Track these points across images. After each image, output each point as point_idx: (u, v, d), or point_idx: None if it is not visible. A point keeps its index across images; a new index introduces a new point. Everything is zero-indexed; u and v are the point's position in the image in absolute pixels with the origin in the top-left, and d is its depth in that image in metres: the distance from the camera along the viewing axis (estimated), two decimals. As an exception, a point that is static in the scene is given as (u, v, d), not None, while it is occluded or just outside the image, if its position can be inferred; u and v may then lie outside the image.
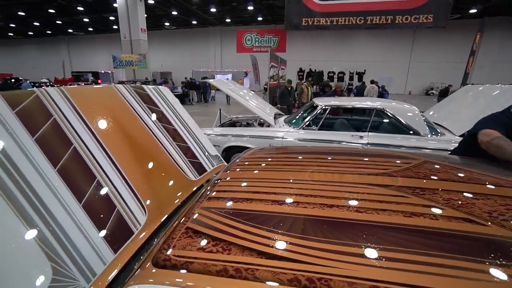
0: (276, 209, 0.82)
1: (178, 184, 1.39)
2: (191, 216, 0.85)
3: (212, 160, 1.77)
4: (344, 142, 3.15)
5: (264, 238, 0.68)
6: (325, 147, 1.62)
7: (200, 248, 0.68)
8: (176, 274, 0.62)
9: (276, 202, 0.85)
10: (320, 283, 0.54)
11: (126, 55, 14.40)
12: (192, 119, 1.89)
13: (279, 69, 9.88)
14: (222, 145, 3.49)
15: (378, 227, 0.71)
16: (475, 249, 0.62)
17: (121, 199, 1.04)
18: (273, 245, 0.65)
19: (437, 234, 0.68)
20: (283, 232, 0.69)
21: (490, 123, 1.54)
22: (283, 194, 0.93)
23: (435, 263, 0.58)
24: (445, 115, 3.80)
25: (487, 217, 0.74)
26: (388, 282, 0.53)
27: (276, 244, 0.65)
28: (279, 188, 0.99)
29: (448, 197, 0.86)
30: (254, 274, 0.58)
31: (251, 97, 4.22)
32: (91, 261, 0.82)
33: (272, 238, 0.67)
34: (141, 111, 1.46)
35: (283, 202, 0.85)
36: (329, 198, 0.86)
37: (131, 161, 1.22)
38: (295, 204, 0.83)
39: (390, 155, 1.37)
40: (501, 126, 1.48)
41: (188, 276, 0.61)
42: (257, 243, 0.66)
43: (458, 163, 1.25)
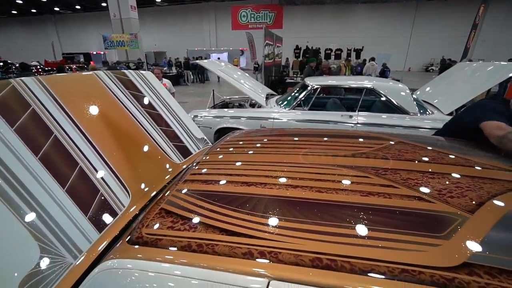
0: (242, 190, 0.88)
1: (162, 167, 1.45)
2: (166, 198, 0.92)
3: (198, 143, 1.81)
4: (334, 122, 3.19)
5: (228, 217, 0.74)
6: (303, 129, 1.66)
7: (169, 226, 0.75)
8: (147, 249, 0.69)
9: (244, 184, 0.92)
10: (270, 255, 0.61)
11: (117, 35, 13.90)
12: (177, 103, 1.91)
13: (275, 47, 9.63)
14: (213, 127, 3.52)
15: (333, 206, 0.77)
16: (419, 224, 0.69)
17: (104, 183, 1.10)
18: (234, 223, 0.72)
19: (388, 211, 0.74)
20: (245, 211, 0.76)
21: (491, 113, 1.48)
22: (251, 176, 0.99)
23: (378, 237, 0.65)
24: (437, 93, 3.81)
25: (435, 195, 0.80)
26: (329, 254, 0.60)
27: (237, 222, 0.72)
28: (248, 170, 1.05)
29: (407, 177, 0.92)
30: (213, 248, 0.65)
31: (242, 77, 4.18)
32: (77, 240, 0.90)
33: (235, 217, 0.74)
34: (123, 97, 1.48)
35: (250, 184, 0.91)
36: (295, 179, 0.92)
37: (114, 147, 1.27)
38: (261, 185, 0.89)
39: (366, 136, 1.42)
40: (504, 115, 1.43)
41: (156, 251, 0.68)
42: (221, 222, 0.73)
43: (429, 144, 1.30)
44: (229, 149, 1.35)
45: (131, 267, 0.67)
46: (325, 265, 0.58)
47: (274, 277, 0.57)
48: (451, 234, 0.64)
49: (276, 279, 0.57)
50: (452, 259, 0.57)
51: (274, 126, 3.29)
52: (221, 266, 0.61)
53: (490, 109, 1.50)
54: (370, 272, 0.56)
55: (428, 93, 3.95)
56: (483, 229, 0.65)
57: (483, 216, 0.70)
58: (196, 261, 0.63)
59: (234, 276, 0.59)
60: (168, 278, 0.63)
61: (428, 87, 4.20)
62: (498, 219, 0.68)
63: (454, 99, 3.19)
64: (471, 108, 1.59)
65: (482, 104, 1.58)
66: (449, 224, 0.68)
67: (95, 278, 0.70)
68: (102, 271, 0.70)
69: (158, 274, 0.64)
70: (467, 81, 3.48)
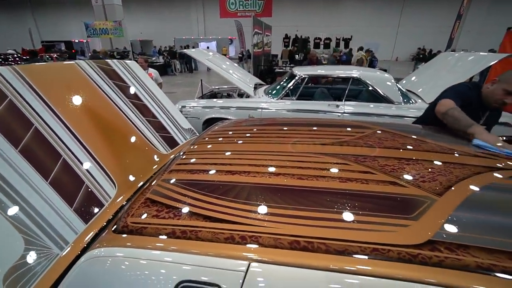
0: (226, 178, 0.90)
1: (148, 158, 1.45)
2: (151, 187, 0.93)
3: (185, 134, 1.82)
4: (321, 111, 3.24)
5: (211, 205, 0.77)
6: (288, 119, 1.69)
7: (154, 215, 0.77)
8: (132, 238, 0.71)
9: (228, 173, 0.94)
10: (251, 239, 0.64)
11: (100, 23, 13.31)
12: (163, 93, 1.89)
13: (264, 36, 9.51)
14: (202, 117, 3.51)
15: (313, 192, 0.81)
16: (392, 207, 0.74)
17: (89, 175, 1.10)
18: (218, 210, 0.75)
19: (364, 196, 0.79)
20: (228, 199, 0.79)
21: (450, 93, 1.57)
22: (235, 164, 1.01)
23: (353, 220, 0.69)
24: (421, 83, 3.90)
25: (409, 180, 0.85)
26: (307, 237, 0.64)
27: (220, 209, 0.75)
28: (232, 159, 1.07)
29: (384, 163, 0.97)
30: (197, 235, 0.67)
31: (231, 67, 4.14)
32: (63, 232, 0.90)
33: (218, 204, 0.77)
34: (106, 87, 1.46)
35: (234, 172, 0.94)
36: (277, 168, 0.95)
37: (98, 138, 1.26)
38: (244, 174, 0.92)
39: (348, 125, 1.46)
40: (459, 96, 1.52)
41: (142, 239, 0.70)
42: (204, 209, 0.76)
43: (408, 131, 1.35)
44: (215, 139, 1.37)
45: (117, 255, 0.69)
46: (302, 247, 0.62)
47: (254, 259, 0.61)
48: (420, 216, 0.69)
49: (256, 261, 0.60)
50: (418, 238, 0.62)
51: (263, 116, 3.31)
52: (204, 251, 0.64)
53: (453, 91, 1.59)
54: (344, 252, 0.60)
55: (413, 82, 4.05)
56: (447, 210, 0.70)
57: (449, 198, 0.75)
58: (180, 247, 0.66)
59: (216, 260, 0.62)
60: (153, 264, 0.65)
61: (413, 76, 4.30)
62: (462, 200, 0.74)
63: (437, 88, 3.27)
64: (442, 92, 1.66)
65: (450, 88, 1.65)
66: (419, 206, 0.73)
67: (81, 266, 0.72)
68: (89, 260, 0.71)
69: (142, 260, 0.66)
70: (450, 70, 3.58)
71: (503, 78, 1.44)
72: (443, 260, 0.56)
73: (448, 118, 1.41)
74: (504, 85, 1.41)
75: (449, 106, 1.44)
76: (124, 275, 0.66)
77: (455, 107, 1.43)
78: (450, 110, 1.42)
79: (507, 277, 0.53)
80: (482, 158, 1.03)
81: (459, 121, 1.35)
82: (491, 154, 1.06)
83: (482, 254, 0.57)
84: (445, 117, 1.44)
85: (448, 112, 1.42)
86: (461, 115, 1.37)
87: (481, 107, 1.56)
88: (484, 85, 1.57)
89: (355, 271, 0.57)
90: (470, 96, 1.54)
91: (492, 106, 1.52)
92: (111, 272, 0.67)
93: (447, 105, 1.46)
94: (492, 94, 1.48)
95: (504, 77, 1.44)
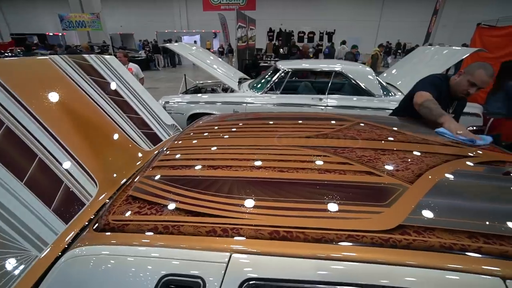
0: (207, 173, 0.91)
1: (130, 155, 1.42)
2: (133, 184, 0.92)
3: (168, 130, 1.79)
4: (305, 105, 3.28)
5: (193, 199, 0.78)
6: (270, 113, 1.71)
7: (136, 212, 0.77)
8: (114, 235, 0.71)
9: (210, 167, 0.95)
10: (232, 232, 0.66)
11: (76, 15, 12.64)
12: (144, 89, 1.85)
13: (248, 29, 9.43)
14: (186, 113, 3.46)
15: (293, 184, 0.84)
16: (367, 196, 0.78)
17: (68, 174, 1.07)
18: (199, 204, 0.76)
19: (341, 186, 0.82)
20: (210, 193, 0.80)
21: (426, 85, 1.66)
22: (217, 159, 1.02)
23: (331, 209, 0.72)
24: (400, 76, 4.03)
25: (384, 169, 0.90)
26: (286, 227, 0.66)
27: (202, 203, 0.76)
28: (214, 154, 1.09)
29: (362, 154, 1.01)
30: (179, 229, 0.68)
31: (215, 62, 4.09)
32: (42, 233, 0.88)
33: (200, 199, 0.78)
34: (84, 84, 1.41)
35: (215, 167, 0.95)
36: (258, 161, 0.97)
37: (77, 136, 1.22)
38: (226, 168, 0.93)
39: (328, 118, 1.50)
40: (435, 88, 1.61)
41: (123, 236, 0.70)
42: (186, 204, 0.76)
43: (384, 123, 1.41)
44: (197, 134, 1.37)
45: (98, 253, 0.68)
46: (282, 237, 0.64)
47: (235, 250, 0.63)
48: (392, 202, 0.73)
49: (237, 252, 0.62)
50: (389, 223, 0.66)
51: (247, 111, 3.31)
52: (186, 245, 0.65)
53: (426, 82, 1.69)
54: (321, 239, 0.63)
55: (393, 75, 4.18)
56: (418, 196, 0.75)
57: (420, 185, 0.80)
58: (162, 242, 0.67)
59: (197, 253, 0.63)
60: (135, 260, 0.66)
61: (393, 69, 4.43)
62: (431, 187, 0.79)
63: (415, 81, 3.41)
64: (415, 84, 1.75)
65: (424, 78, 1.75)
66: (392, 194, 0.77)
67: (61, 267, 0.71)
68: (69, 259, 0.71)
69: (125, 257, 0.66)
70: (427, 63, 3.72)
71: (468, 70, 1.55)
72: (411, 243, 0.61)
73: (423, 109, 1.51)
74: (469, 77, 1.53)
75: (426, 97, 1.53)
76: (105, 273, 0.66)
77: (431, 98, 1.52)
78: (426, 102, 1.51)
79: (466, 254, 0.58)
80: (451, 147, 1.10)
81: (432, 111, 1.44)
82: (458, 143, 1.14)
83: (445, 234, 0.62)
84: (421, 108, 1.53)
85: (424, 103, 1.51)
86: (435, 106, 1.47)
87: (450, 97, 1.68)
88: (452, 77, 1.67)
89: (332, 257, 0.60)
90: (440, 86, 1.66)
91: (459, 96, 1.64)
92: (93, 271, 0.67)
93: (424, 97, 1.54)
94: (458, 85, 1.60)
95: (468, 69, 1.55)
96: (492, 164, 0.96)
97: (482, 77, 1.48)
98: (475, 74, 1.50)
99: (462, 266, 0.56)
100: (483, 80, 1.49)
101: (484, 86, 1.54)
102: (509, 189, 0.83)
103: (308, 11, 21.64)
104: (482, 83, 1.50)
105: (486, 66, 1.50)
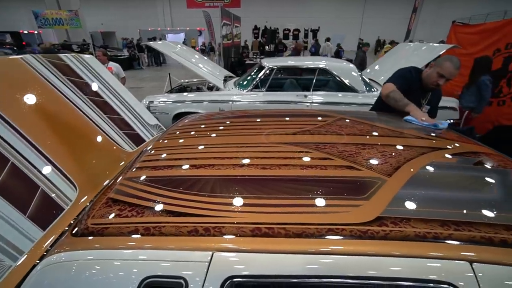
0: (189, 173, 0.91)
1: (112, 157, 1.39)
2: (114, 186, 0.90)
3: (152, 130, 1.76)
4: (290, 102, 3.31)
5: (174, 199, 0.77)
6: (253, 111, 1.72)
7: (117, 214, 0.75)
8: (93, 239, 0.69)
9: (192, 166, 0.94)
10: (214, 230, 0.66)
11: (52, 12, 12.03)
12: (126, 89, 1.81)
13: (233, 27, 9.36)
14: (171, 113, 3.41)
15: (275, 180, 0.84)
16: (347, 190, 0.79)
17: (45, 179, 1.03)
18: (181, 204, 0.75)
19: (322, 181, 0.83)
20: (192, 193, 0.79)
21: (392, 77, 1.78)
22: (199, 158, 1.02)
23: (312, 204, 0.73)
24: (382, 71, 4.14)
25: (364, 163, 0.92)
26: (268, 223, 0.67)
27: (183, 203, 0.75)
28: (196, 153, 1.08)
29: (343, 149, 1.03)
30: (160, 230, 0.67)
31: (199, 60, 4.04)
32: (16, 241, 0.85)
33: (181, 199, 0.77)
34: (60, 84, 1.36)
35: (197, 166, 0.94)
36: (241, 159, 0.97)
37: (54, 139, 1.18)
38: (208, 167, 0.93)
39: (312, 114, 1.52)
40: (403, 80, 1.72)
41: (103, 239, 0.68)
42: (168, 204, 0.76)
43: (365, 118, 1.44)
44: (179, 134, 1.35)
45: (75, 258, 0.66)
46: (263, 233, 0.65)
47: (217, 249, 0.63)
48: (371, 195, 0.75)
49: (219, 251, 0.62)
50: (368, 216, 0.68)
51: (233, 109, 3.30)
52: (168, 246, 0.64)
53: (395, 75, 1.82)
54: (302, 234, 0.64)
55: (376, 71, 4.28)
56: (395, 188, 0.78)
57: (398, 178, 0.83)
58: (144, 243, 0.65)
59: (180, 253, 0.63)
60: (115, 264, 0.64)
61: (376, 65, 4.54)
62: (407, 179, 0.82)
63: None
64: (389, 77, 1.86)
65: (395, 72, 1.85)
66: (371, 187, 0.79)
67: (38, 274, 0.69)
68: (46, 267, 0.68)
69: (104, 261, 0.65)
70: (408, 59, 3.84)
71: (437, 63, 1.66)
72: (388, 233, 0.63)
73: (390, 100, 1.65)
74: (438, 69, 1.64)
75: (390, 89, 1.66)
76: (83, 279, 0.64)
77: (395, 89, 1.65)
78: (391, 93, 1.64)
79: (438, 241, 0.61)
80: (426, 140, 1.14)
81: (398, 101, 1.59)
82: (433, 136, 1.18)
83: (420, 224, 0.64)
84: (387, 99, 1.66)
85: (390, 95, 1.64)
86: (399, 96, 1.61)
87: (422, 88, 1.78)
88: (424, 70, 1.77)
89: (312, 251, 0.61)
90: (410, 78, 1.76)
91: (430, 87, 1.75)
92: (71, 277, 0.65)
93: (389, 88, 1.67)
94: (429, 77, 1.71)
95: (438, 62, 1.66)
96: (464, 155, 1.01)
97: (450, 69, 1.59)
98: (443, 66, 1.60)
99: (434, 253, 0.59)
100: (451, 72, 1.60)
101: (451, 77, 1.64)
102: (479, 178, 0.88)
103: (293, 8, 21.75)
104: (449, 75, 1.61)
105: (453, 59, 1.61)
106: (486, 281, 0.55)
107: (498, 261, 0.57)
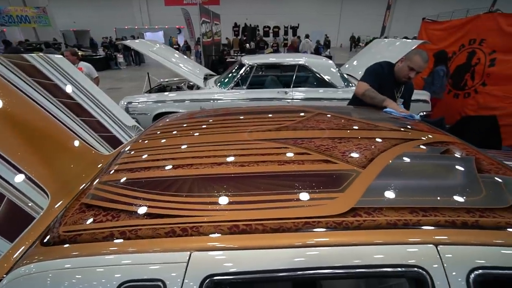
0: (166, 173, 0.89)
1: (87, 161, 1.33)
2: (87, 192, 0.87)
3: (129, 131, 1.71)
4: (271, 98, 3.33)
5: (150, 201, 0.76)
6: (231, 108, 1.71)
7: (90, 220, 0.72)
8: (65, 248, 0.66)
9: (171, 167, 0.93)
10: (191, 230, 0.65)
11: (16, 8, 11.23)
12: (100, 89, 1.74)
13: (212, 25, 9.24)
14: (151, 113, 3.32)
15: (252, 177, 0.85)
16: (323, 183, 0.81)
17: (11, 187, 0.97)
18: (158, 205, 0.74)
19: (299, 175, 0.85)
20: (169, 193, 0.78)
21: (366, 75, 1.86)
22: (175, 158, 1.00)
23: (289, 199, 0.74)
24: (360, 66, 4.26)
25: (340, 157, 0.94)
26: (245, 220, 0.67)
27: (160, 204, 0.74)
28: (173, 153, 1.06)
29: (320, 143, 1.05)
30: (136, 233, 0.66)
31: (179, 59, 3.96)
32: None
33: (158, 200, 0.76)
34: (26, 86, 1.28)
35: (175, 166, 0.93)
36: (218, 157, 0.97)
37: (20, 145, 1.11)
38: (185, 167, 0.91)
39: (290, 110, 1.54)
40: (375, 76, 1.80)
41: (76, 247, 0.66)
42: (144, 206, 0.74)
43: (341, 112, 1.48)
44: (156, 135, 1.33)
45: (46, 269, 0.63)
46: (241, 230, 0.65)
47: (195, 248, 0.62)
48: (346, 187, 0.78)
49: (197, 250, 0.62)
50: (343, 207, 0.70)
51: (215, 107, 3.27)
52: (144, 248, 0.63)
53: (367, 72, 1.91)
54: (279, 229, 0.65)
55: (354, 66, 4.40)
56: (369, 179, 0.81)
57: (371, 169, 0.86)
58: (119, 248, 0.64)
59: (157, 255, 0.62)
60: (90, 271, 0.62)
61: (354, 60, 4.66)
62: (380, 170, 0.85)
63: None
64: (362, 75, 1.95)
65: (367, 68, 1.94)
66: (346, 179, 0.81)
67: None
68: (12, 280, 0.65)
69: (78, 269, 0.62)
70: (383, 55, 3.97)
71: (408, 57, 1.76)
72: (362, 223, 0.65)
73: (365, 98, 1.74)
74: (408, 63, 1.73)
75: (364, 88, 1.75)
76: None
77: (369, 88, 1.75)
78: (366, 91, 1.74)
79: (407, 227, 0.64)
80: (399, 132, 1.19)
81: (374, 98, 1.68)
82: (406, 127, 1.24)
83: (391, 212, 0.67)
84: (363, 97, 1.76)
85: (365, 93, 1.74)
86: (375, 94, 1.70)
87: (395, 82, 1.87)
88: (396, 64, 1.85)
89: (290, 245, 0.62)
90: (382, 73, 1.84)
91: (401, 81, 1.84)
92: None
93: (363, 87, 1.77)
94: (400, 70, 1.80)
95: (408, 56, 1.75)
96: (433, 145, 1.07)
97: (419, 62, 1.69)
98: (412, 59, 1.70)
99: (404, 239, 0.62)
100: (420, 65, 1.70)
101: (421, 70, 1.75)
102: (444, 166, 0.93)
103: (272, 5, 21.81)
104: (419, 68, 1.71)
105: (422, 53, 1.71)
106: (450, 262, 0.58)
107: (460, 242, 0.61)
